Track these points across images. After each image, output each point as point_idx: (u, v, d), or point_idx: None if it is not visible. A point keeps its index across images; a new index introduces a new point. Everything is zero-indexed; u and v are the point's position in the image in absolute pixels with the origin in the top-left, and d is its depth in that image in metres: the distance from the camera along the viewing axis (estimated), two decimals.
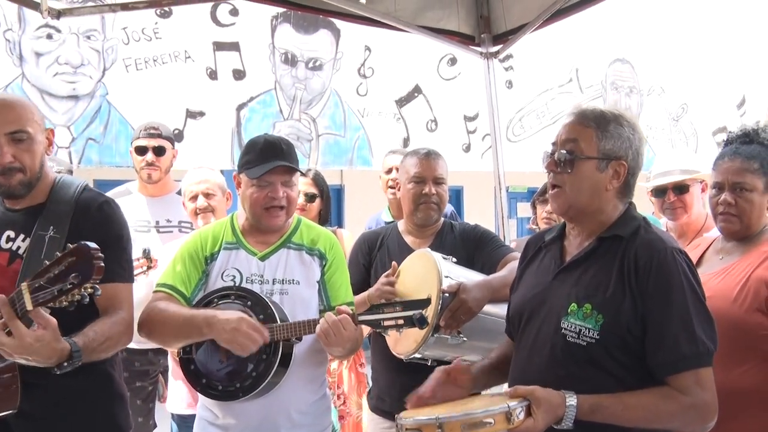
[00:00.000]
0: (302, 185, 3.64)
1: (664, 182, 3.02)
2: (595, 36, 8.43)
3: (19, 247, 2.03)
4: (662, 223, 3.27)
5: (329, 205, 3.76)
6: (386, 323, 2.15)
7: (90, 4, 5.64)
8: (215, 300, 2.28)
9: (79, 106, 5.95)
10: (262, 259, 2.36)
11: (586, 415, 1.64)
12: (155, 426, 3.59)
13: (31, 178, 2.04)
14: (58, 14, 3.48)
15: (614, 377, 1.71)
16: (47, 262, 1.77)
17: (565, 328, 1.75)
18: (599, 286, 1.75)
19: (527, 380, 1.72)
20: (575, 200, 1.81)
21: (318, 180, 3.72)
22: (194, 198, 3.24)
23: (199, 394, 2.36)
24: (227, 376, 2.23)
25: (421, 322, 2.11)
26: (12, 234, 2.05)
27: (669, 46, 8.94)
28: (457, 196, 10.01)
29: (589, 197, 1.81)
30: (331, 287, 2.40)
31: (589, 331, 1.71)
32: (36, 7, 3.47)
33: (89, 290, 1.72)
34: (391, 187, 3.90)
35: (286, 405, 2.31)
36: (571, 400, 1.64)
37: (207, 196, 3.23)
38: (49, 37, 5.79)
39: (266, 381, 2.19)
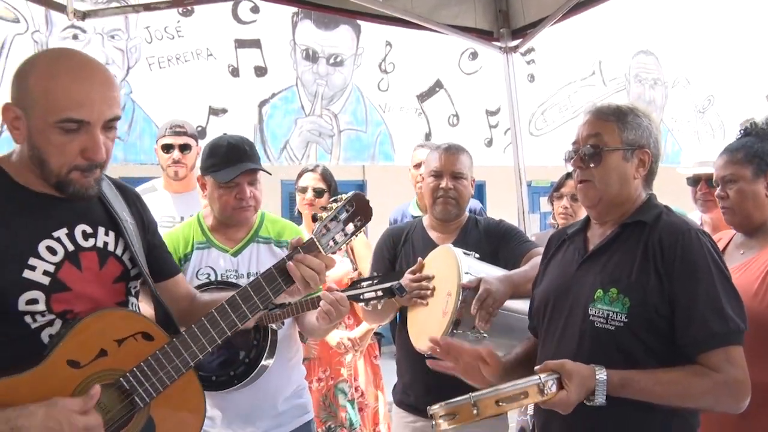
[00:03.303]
0: (311, 180, 3.68)
1: (699, 172, 3.00)
2: (618, 28, 8.34)
3: (106, 243, 1.63)
4: (698, 217, 3.25)
5: None
6: (367, 296, 2.27)
7: (114, 4, 5.71)
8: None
9: None
10: (234, 254, 2.43)
11: (616, 390, 1.64)
12: None
13: (103, 172, 1.61)
14: (83, 15, 3.54)
15: (642, 362, 1.72)
16: (324, 213, 1.76)
17: (593, 315, 1.77)
18: (624, 271, 1.77)
19: None
20: (606, 191, 1.84)
21: (326, 175, 3.75)
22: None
23: None
24: (220, 366, 2.29)
25: (400, 291, 2.22)
26: (88, 228, 1.61)
27: (694, 37, 8.82)
28: (479, 190, 9.96)
29: (619, 187, 1.84)
30: None
31: (617, 315, 1.73)
32: (62, 9, 3.53)
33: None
34: (419, 182, 3.91)
35: (272, 392, 2.38)
36: (601, 373, 1.64)
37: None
38: (75, 37, 5.88)
39: (258, 366, 2.27)
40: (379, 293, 2.26)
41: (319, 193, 3.71)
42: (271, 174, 2.45)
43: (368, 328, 3.51)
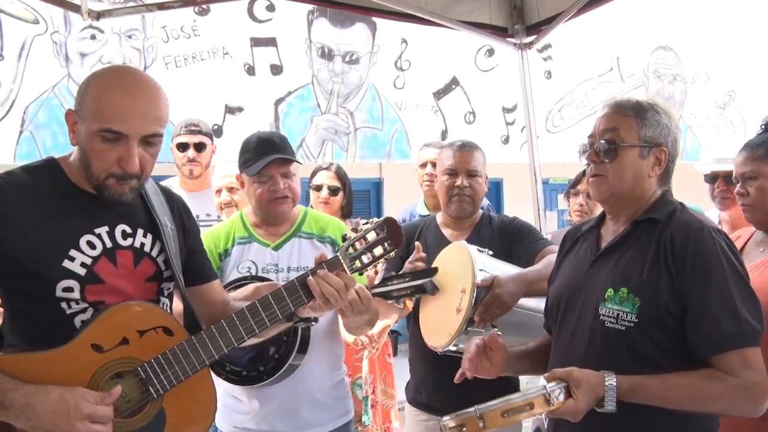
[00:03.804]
0: (326, 178, 3.69)
1: (716, 169, 2.96)
2: (636, 23, 8.26)
3: (143, 244, 1.74)
4: (716, 215, 3.20)
5: (351, 199, 3.78)
6: (397, 293, 2.23)
7: (131, 4, 5.75)
8: (234, 290, 2.32)
9: None
10: (276, 249, 2.43)
11: (626, 395, 1.62)
12: None
13: (142, 183, 1.70)
14: (98, 16, 3.57)
15: (654, 363, 1.69)
16: (353, 234, 1.79)
17: (603, 314, 1.75)
18: (635, 269, 1.74)
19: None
20: (618, 187, 1.81)
21: (340, 173, 3.75)
22: (219, 192, 3.30)
23: (223, 382, 2.43)
24: (250, 362, 2.30)
25: (430, 289, 2.17)
26: (128, 229, 1.72)
27: (714, 32, 8.70)
28: (496, 188, 9.92)
29: (632, 184, 1.81)
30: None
31: (627, 315, 1.70)
32: (77, 9, 3.56)
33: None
34: (425, 181, 3.89)
35: (308, 387, 2.37)
36: (611, 379, 1.62)
37: (230, 190, 3.28)
38: (93, 37, 5.93)
39: (288, 363, 2.26)
40: (410, 290, 2.22)
41: (333, 191, 3.71)
42: (301, 164, 2.44)
43: (385, 324, 3.51)
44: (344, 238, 1.81)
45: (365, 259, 1.79)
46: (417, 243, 2.56)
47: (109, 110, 1.58)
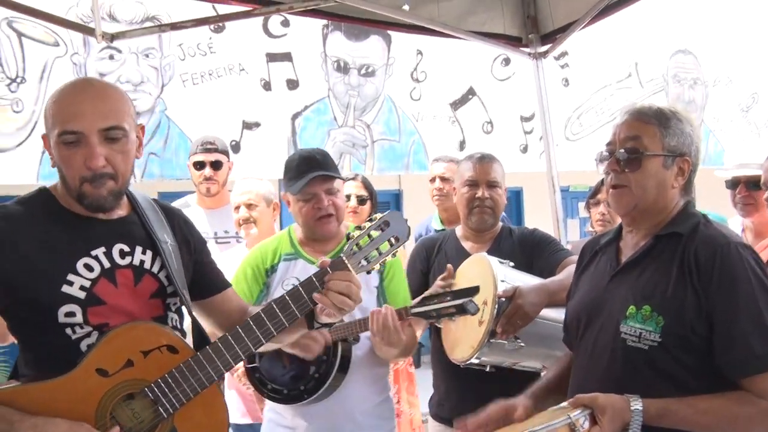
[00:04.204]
0: (354, 188, 3.71)
1: (738, 174, 2.89)
2: (654, 28, 8.18)
3: (142, 261, 1.71)
4: (739, 222, 3.13)
5: (377, 209, 3.77)
6: (437, 313, 2.18)
7: (147, 24, 5.81)
8: None
9: (140, 122, 6.14)
10: None
11: (653, 420, 1.56)
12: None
13: (121, 186, 1.67)
14: (112, 38, 3.60)
15: (678, 382, 1.63)
16: (357, 232, 1.73)
17: (624, 332, 1.69)
18: (657, 286, 1.68)
19: (588, 388, 1.65)
20: (641, 199, 1.74)
21: (367, 183, 3.76)
22: (237, 208, 3.29)
23: (266, 399, 2.48)
24: (291, 380, 2.34)
25: (473, 309, 2.12)
26: (125, 248, 1.70)
27: (735, 34, 8.59)
28: (516, 197, 9.86)
29: (656, 196, 1.75)
30: (389, 293, 2.44)
31: (650, 334, 1.64)
32: (91, 32, 3.60)
33: None
34: (435, 196, 3.89)
35: (350, 406, 2.37)
36: (636, 404, 1.56)
37: (249, 207, 3.27)
38: (111, 57, 6.01)
39: (328, 382, 2.28)
40: (451, 310, 2.16)
41: (362, 200, 3.72)
42: (344, 180, 2.42)
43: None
44: (348, 237, 1.76)
45: (371, 257, 1.73)
46: (449, 265, 2.53)
47: (61, 114, 1.60)
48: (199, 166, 3.57)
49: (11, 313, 1.66)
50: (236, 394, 3.19)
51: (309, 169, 2.33)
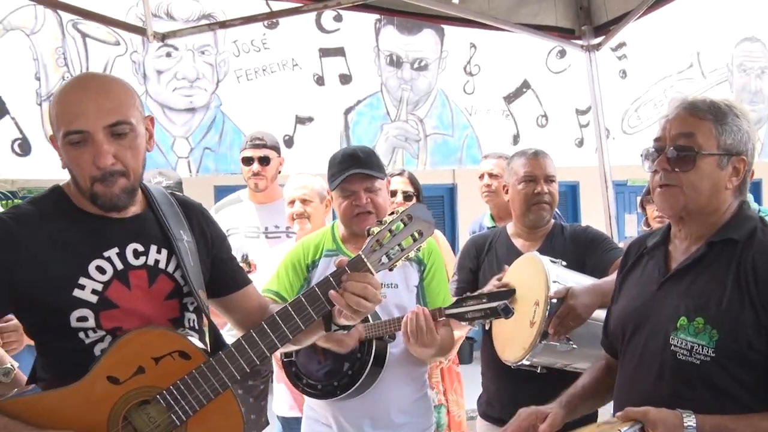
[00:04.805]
0: (401, 184, 3.68)
1: None
2: (718, 15, 7.88)
3: (157, 261, 1.67)
4: None
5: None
6: (471, 315, 2.17)
7: (204, 21, 5.92)
8: None
9: (196, 118, 6.29)
10: None
11: None
12: (267, 423, 3.69)
13: (134, 182, 1.62)
14: (163, 37, 3.66)
15: (731, 397, 1.55)
16: (378, 227, 1.65)
17: (675, 345, 1.60)
18: (711, 297, 1.58)
19: (635, 400, 1.59)
20: (693, 201, 1.64)
21: (413, 179, 3.74)
22: (292, 203, 3.31)
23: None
24: (325, 376, 2.35)
25: (505, 312, 2.10)
26: (140, 247, 1.66)
27: None
28: (572, 191, 9.68)
29: (708, 197, 1.64)
30: (429, 293, 2.42)
31: (702, 348, 1.56)
32: (143, 32, 3.67)
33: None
34: (484, 192, 3.84)
35: (385, 403, 2.37)
36: (690, 420, 1.49)
37: (303, 202, 3.28)
38: (168, 55, 6.16)
39: (361, 379, 2.28)
40: (486, 312, 2.16)
41: (408, 196, 3.70)
42: (383, 179, 2.41)
43: (459, 335, 3.45)
44: (368, 233, 1.66)
45: (393, 253, 1.64)
46: (506, 266, 2.50)
47: (64, 114, 1.55)
48: (248, 161, 3.61)
49: (25, 316, 1.65)
50: (284, 387, 3.23)
51: (350, 166, 2.33)
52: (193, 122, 6.29)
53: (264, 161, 3.60)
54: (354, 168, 2.32)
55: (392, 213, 1.69)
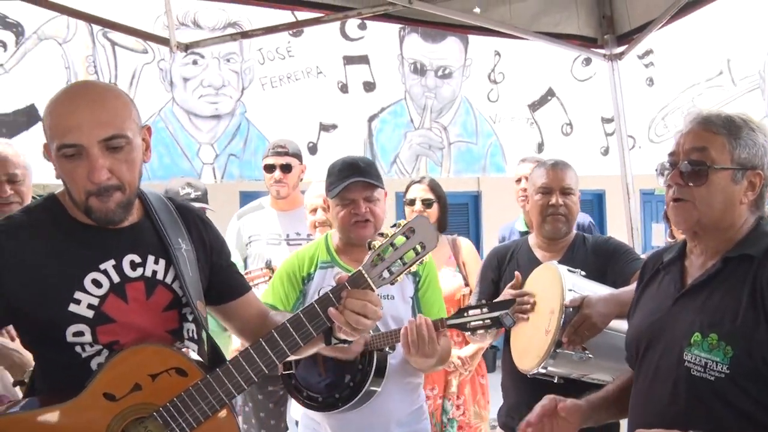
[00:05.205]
0: (420, 191, 3.65)
1: None
2: (750, 21, 7.73)
3: (155, 272, 1.63)
4: None
5: (446, 212, 3.71)
6: (473, 325, 2.18)
7: (229, 30, 5.99)
8: None
9: (221, 125, 6.37)
10: None
11: None
12: (287, 429, 3.70)
13: (129, 196, 1.57)
14: (186, 47, 3.72)
15: (745, 414, 1.53)
16: (379, 240, 1.62)
17: (688, 361, 1.58)
18: (726, 313, 1.56)
19: (648, 416, 1.58)
20: (706, 216, 1.63)
21: (434, 186, 3.70)
22: (314, 211, 3.32)
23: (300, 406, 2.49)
24: (326, 388, 2.35)
25: (508, 322, 2.11)
26: (137, 258, 1.62)
27: None
28: (599, 200, 9.58)
29: (722, 212, 1.62)
30: (424, 304, 2.42)
31: (716, 365, 1.54)
32: (166, 42, 3.73)
33: None
34: (521, 197, 3.81)
35: (384, 415, 2.36)
36: None
37: (325, 210, 3.28)
38: (195, 63, 6.25)
39: (363, 390, 2.27)
40: (487, 322, 2.17)
41: (428, 204, 3.67)
42: (383, 189, 2.42)
43: (479, 346, 3.43)
44: (369, 247, 1.63)
45: (394, 267, 1.61)
46: (517, 273, 2.50)
47: (58, 127, 1.50)
48: (270, 169, 3.64)
49: (22, 330, 1.64)
50: None
51: (350, 175, 2.33)
52: (218, 129, 6.37)
53: (286, 169, 3.62)
54: (355, 176, 2.32)
55: (394, 225, 1.66)
